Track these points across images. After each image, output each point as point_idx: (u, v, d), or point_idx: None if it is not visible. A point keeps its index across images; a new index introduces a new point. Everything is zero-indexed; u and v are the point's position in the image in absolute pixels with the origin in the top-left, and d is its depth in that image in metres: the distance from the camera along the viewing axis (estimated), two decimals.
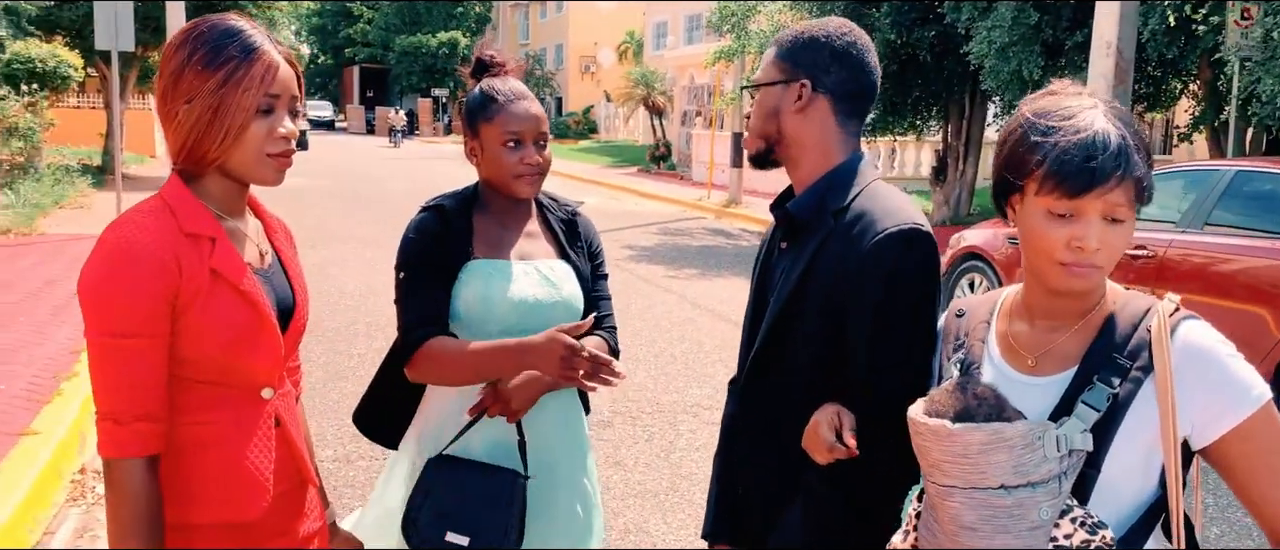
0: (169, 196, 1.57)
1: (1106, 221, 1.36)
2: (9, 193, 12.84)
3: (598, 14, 44.49)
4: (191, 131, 1.53)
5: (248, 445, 1.61)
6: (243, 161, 1.57)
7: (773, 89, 1.81)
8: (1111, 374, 1.37)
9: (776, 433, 1.76)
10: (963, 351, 1.57)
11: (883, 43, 13.05)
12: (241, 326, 1.56)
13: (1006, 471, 1.31)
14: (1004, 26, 10.45)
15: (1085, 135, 1.34)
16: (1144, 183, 1.37)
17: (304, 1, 34.10)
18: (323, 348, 6.83)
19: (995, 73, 10.65)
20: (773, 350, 1.77)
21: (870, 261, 1.62)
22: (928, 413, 1.40)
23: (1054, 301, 1.47)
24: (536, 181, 2.10)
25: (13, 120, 14.61)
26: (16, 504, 3.93)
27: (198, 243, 1.53)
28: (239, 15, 1.61)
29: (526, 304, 2.07)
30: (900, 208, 1.68)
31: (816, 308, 1.69)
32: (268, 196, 1.79)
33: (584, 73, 45.95)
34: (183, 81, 1.53)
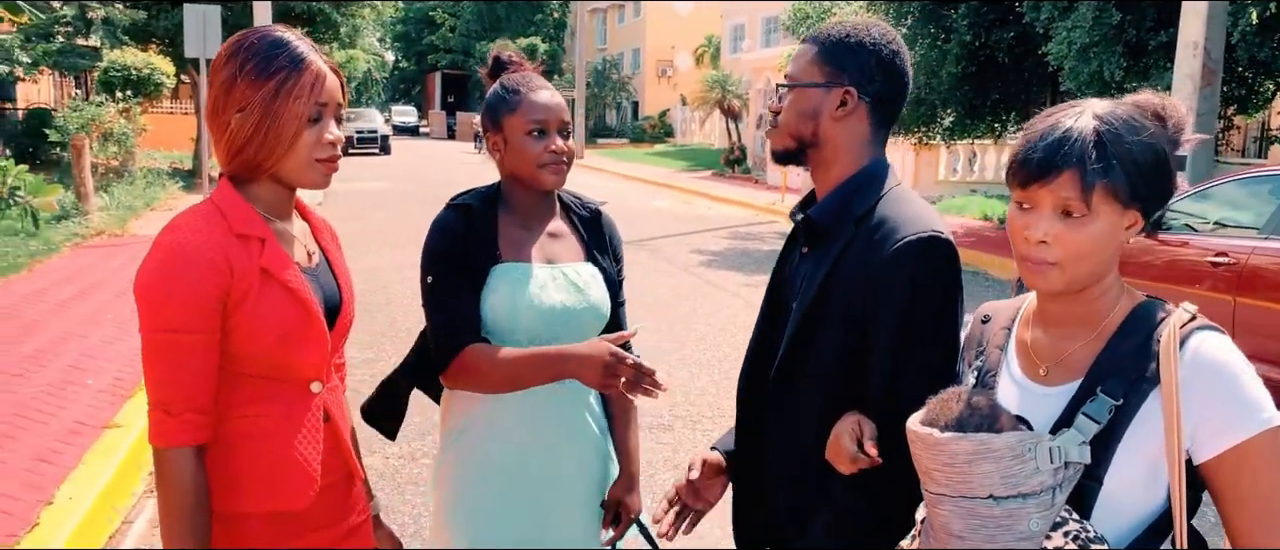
0: (220, 201, 1.63)
1: (1059, 215, 1.36)
2: (104, 195, 13.40)
3: (675, 17, 44.54)
4: (245, 140, 1.59)
5: (296, 437, 1.66)
6: (294, 167, 1.63)
7: (813, 91, 1.77)
8: (1116, 385, 1.34)
9: (802, 442, 1.75)
10: (981, 359, 1.57)
11: (960, 45, 12.85)
12: (291, 322, 1.61)
13: (995, 482, 1.30)
14: (1084, 26, 10.19)
15: (1047, 127, 1.38)
16: (1102, 179, 1.33)
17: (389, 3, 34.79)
18: (395, 346, 6.97)
19: (1075, 74, 10.40)
20: (797, 356, 1.75)
21: (892, 268, 1.62)
22: (922, 421, 1.40)
23: (1051, 307, 1.46)
24: (562, 171, 2.07)
25: (109, 126, 15.24)
26: (98, 492, 4.13)
27: (248, 243, 1.60)
28: (284, 27, 1.67)
29: (554, 311, 2.04)
30: (921, 215, 1.68)
31: (839, 315, 1.69)
32: (349, 200, 1.85)
33: (660, 76, 46.01)
34: (235, 92, 1.59)
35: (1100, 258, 1.38)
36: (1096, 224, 1.36)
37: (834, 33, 1.78)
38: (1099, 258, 1.38)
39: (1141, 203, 1.37)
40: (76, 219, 11.77)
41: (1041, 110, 1.45)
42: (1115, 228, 1.37)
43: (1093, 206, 1.35)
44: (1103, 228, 1.36)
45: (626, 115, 49.73)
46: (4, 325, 7.05)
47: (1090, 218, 1.35)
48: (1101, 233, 1.36)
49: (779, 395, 1.81)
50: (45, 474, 4.29)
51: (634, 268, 10.68)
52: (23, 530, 3.76)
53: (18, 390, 5.49)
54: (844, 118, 1.76)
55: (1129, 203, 1.36)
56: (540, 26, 54.89)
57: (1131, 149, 1.35)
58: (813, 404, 1.73)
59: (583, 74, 36.13)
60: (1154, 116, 1.40)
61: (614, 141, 44.24)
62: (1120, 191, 1.34)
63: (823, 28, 1.81)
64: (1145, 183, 1.35)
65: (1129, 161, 1.35)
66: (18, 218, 10.87)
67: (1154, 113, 1.41)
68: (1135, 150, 1.35)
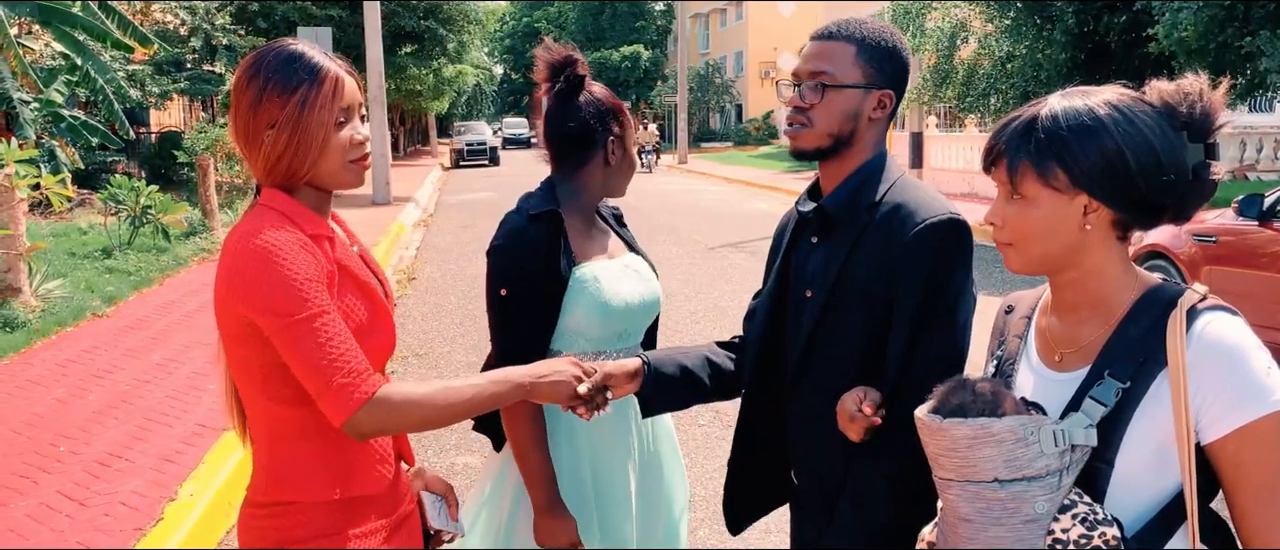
0: (281, 206, 1.67)
1: (1007, 199, 1.42)
2: (229, 211, 14.10)
3: (778, 19, 44.32)
4: (280, 153, 1.66)
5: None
6: (329, 171, 1.69)
7: (854, 91, 1.77)
8: (1124, 368, 1.34)
9: (825, 424, 1.76)
10: (1002, 348, 1.59)
11: (1065, 32, 12.47)
12: (364, 313, 1.68)
13: (998, 466, 1.32)
14: (1193, 7, 9.78)
15: (1015, 114, 1.43)
16: (1024, 162, 1.37)
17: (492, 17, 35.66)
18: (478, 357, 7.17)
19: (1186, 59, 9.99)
20: (818, 342, 1.79)
21: (914, 250, 1.67)
22: (928, 408, 1.43)
23: (1058, 293, 1.48)
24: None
25: (231, 146, 16.01)
26: (217, 490, 4.40)
27: (320, 242, 1.65)
28: (293, 40, 1.75)
29: (631, 305, 2.11)
30: (935, 199, 1.73)
31: (859, 299, 1.73)
32: (460, 211, 1.92)
33: (763, 79, 45.78)
34: (262, 110, 1.65)
35: (1052, 240, 1.39)
36: (1037, 208, 1.39)
37: (871, 34, 1.78)
38: (1050, 240, 1.39)
39: (1091, 187, 1.35)
40: (202, 235, 12.44)
41: None
42: (1062, 212, 1.37)
43: (1024, 190, 1.38)
44: (1045, 211, 1.38)
45: (730, 118, 49.64)
46: (136, 335, 7.53)
47: (1030, 202, 1.39)
48: (1045, 216, 1.38)
49: (799, 380, 1.85)
50: (169, 472, 4.59)
51: (735, 269, 10.73)
52: (149, 524, 4.04)
53: (147, 395, 5.88)
54: (879, 118, 1.80)
55: (1072, 187, 1.36)
56: (643, 33, 55.26)
57: (1066, 134, 1.35)
58: (835, 386, 1.74)
59: (685, 79, 36.24)
60: (1162, 106, 1.38)
61: (718, 145, 44.24)
62: (1053, 176, 1.36)
63: (853, 25, 1.80)
64: (1087, 168, 1.34)
65: (1062, 147, 1.35)
66: (150, 235, 11.55)
67: (1162, 102, 1.38)
68: (1072, 136, 1.35)
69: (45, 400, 5.81)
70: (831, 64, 1.78)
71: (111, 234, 11.34)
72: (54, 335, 7.51)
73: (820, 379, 1.80)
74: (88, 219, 13.42)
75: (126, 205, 11.16)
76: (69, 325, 7.81)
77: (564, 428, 2.13)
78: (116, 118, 12.77)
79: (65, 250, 10.95)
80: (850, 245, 1.75)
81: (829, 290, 1.76)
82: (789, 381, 1.88)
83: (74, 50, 11.99)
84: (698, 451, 4.98)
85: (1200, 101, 1.37)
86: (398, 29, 27.07)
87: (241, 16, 23.64)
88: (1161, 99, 1.38)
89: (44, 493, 4.37)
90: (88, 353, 7.00)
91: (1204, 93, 1.38)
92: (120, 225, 11.37)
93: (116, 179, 11.54)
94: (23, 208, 8.28)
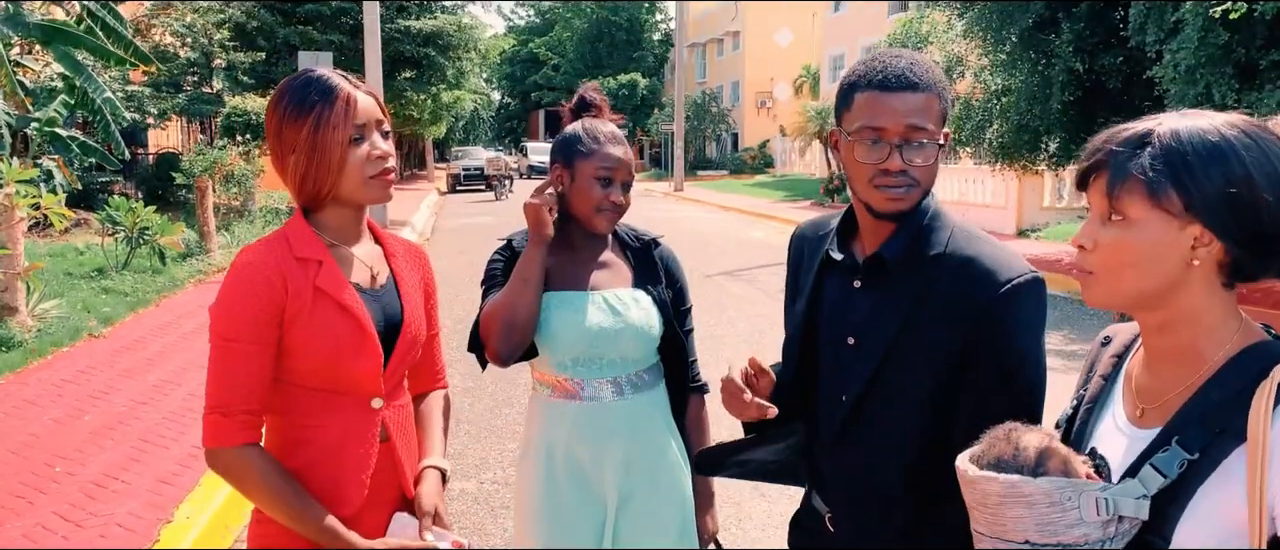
0: (288, 228, 1.80)
1: (1102, 221, 1.28)
2: (225, 233, 14.12)
3: (774, 49, 44.56)
4: (303, 175, 1.74)
5: (349, 450, 1.77)
6: (350, 189, 1.76)
7: (936, 148, 1.68)
8: (1195, 436, 1.19)
9: (878, 485, 1.74)
10: (1086, 387, 1.46)
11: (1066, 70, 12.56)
12: (344, 338, 1.73)
13: (1028, 528, 1.21)
14: (1190, 47, 9.88)
15: (1121, 127, 1.30)
16: (1132, 177, 1.22)
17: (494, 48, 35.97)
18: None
19: (1181, 97, 10.07)
20: (876, 393, 1.71)
21: (1002, 309, 1.60)
22: (970, 455, 1.33)
23: (1147, 339, 1.33)
24: (614, 219, 2.24)
25: (230, 168, 16.06)
26: (213, 513, 4.39)
27: (306, 265, 1.74)
28: (318, 67, 1.81)
29: (592, 332, 2.18)
30: (1010, 252, 1.68)
31: (924, 357, 1.66)
32: (457, 236, 1.94)
33: (760, 108, 46.01)
34: (284, 136, 1.75)
35: (1150, 272, 1.23)
36: (1140, 233, 1.22)
37: (939, 79, 1.67)
38: (1148, 272, 1.23)
39: (1208, 217, 1.19)
40: (200, 257, 12.44)
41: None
42: (1169, 240, 1.21)
43: (1124, 209, 1.23)
44: (1149, 238, 1.22)
45: (727, 147, 49.83)
46: (132, 356, 7.52)
47: (1131, 224, 1.23)
48: (1147, 243, 1.22)
49: (850, 431, 1.77)
50: (166, 495, 4.58)
51: (730, 298, 10.75)
52: (145, 546, 4.03)
53: (144, 416, 5.87)
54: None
55: (1185, 213, 1.20)
56: (640, 63, 55.58)
57: (1188, 154, 1.19)
58: (893, 442, 1.71)
59: (682, 108, 36.42)
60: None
61: (714, 173, 44.36)
62: (1166, 198, 1.20)
63: (930, 71, 1.67)
64: (1207, 193, 1.19)
65: (1181, 166, 1.20)
66: (147, 256, 11.55)
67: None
68: (1195, 156, 1.19)
69: (41, 420, 5.79)
70: (928, 120, 1.65)
71: (108, 255, 11.35)
72: (50, 355, 7.50)
73: (876, 433, 1.73)
74: (85, 239, 13.44)
75: (124, 226, 11.17)
76: (65, 345, 7.81)
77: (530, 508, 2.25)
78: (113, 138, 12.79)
79: (62, 270, 10.95)
80: (915, 298, 1.67)
81: (890, 343, 1.68)
82: (836, 432, 1.79)
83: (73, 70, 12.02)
84: None
85: None
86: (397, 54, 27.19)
87: (241, 37, 23.74)
88: None
89: (40, 514, 4.36)
90: (84, 373, 6.99)
91: None
92: (117, 246, 11.38)
93: (114, 200, 11.55)
94: (22, 227, 8.29)
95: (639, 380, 2.26)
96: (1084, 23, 12.43)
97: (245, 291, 1.69)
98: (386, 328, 1.82)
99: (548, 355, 2.22)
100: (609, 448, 2.22)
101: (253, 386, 1.69)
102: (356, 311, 1.75)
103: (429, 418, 2.04)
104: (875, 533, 1.77)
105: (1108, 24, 12.36)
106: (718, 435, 2.31)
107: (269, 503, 1.70)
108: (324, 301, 1.73)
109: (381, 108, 1.81)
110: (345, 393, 1.77)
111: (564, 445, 2.23)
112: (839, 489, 1.83)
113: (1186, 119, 1.23)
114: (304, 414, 1.76)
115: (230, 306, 1.70)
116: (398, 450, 1.87)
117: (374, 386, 1.79)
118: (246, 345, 1.68)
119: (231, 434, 1.68)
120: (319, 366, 1.73)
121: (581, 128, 2.25)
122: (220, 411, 1.68)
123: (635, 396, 2.25)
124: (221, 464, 1.70)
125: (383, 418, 1.82)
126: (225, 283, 1.73)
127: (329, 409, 1.77)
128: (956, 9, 15.00)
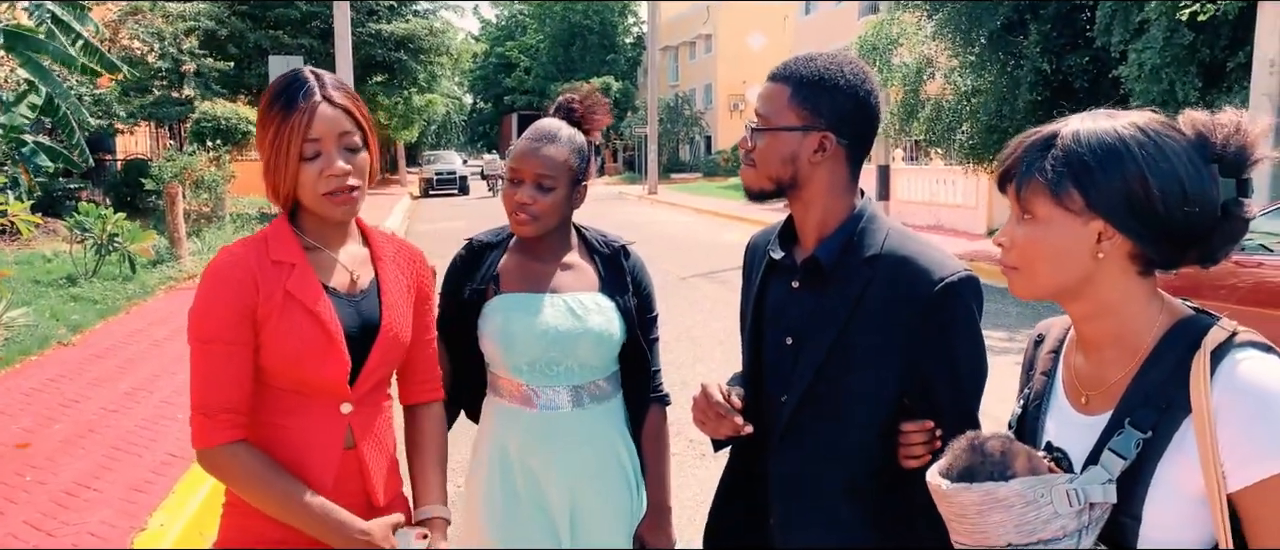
0: (269, 228, 1.80)
1: (1019, 219, 1.35)
2: (196, 240, 13.97)
3: (747, 52, 44.72)
4: (266, 177, 1.76)
5: (311, 453, 1.76)
6: (308, 201, 1.76)
7: (790, 135, 1.72)
8: (1145, 416, 1.25)
9: (819, 495, 1.76)
10: (1030, 385, 1.50)
11: (1034, 72, 12.72)
12: (308, 343, 1.72)
13: (1009, 531, 1.25)
14: (1156, 47, 10.03)
15: (1033, 131, 1.36)
16: (1036, 179, 1.29)
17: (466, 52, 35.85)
18: None
19: (1146, 95, 10.23)
20: (819, 393, 1.73)
21: (938, 309, 1.64)
22: (938, 470, 1.35)
23: (1079, 328, 1.39)
24: (529, 223, 2.12)
25: (200, 174, 15.92)
26: (187, 520, 4.35)
27: (279, 268, 1.74)
28: (304, 68, 1.79)
29: (548, 334, 2.11)
30: (943, 252, 1.72)
31: (864, 354, 1.68)
32: (431, 239, 1.92)
33: (733, 111, 46.13)
34: (259, 136, 1.77)
35: (1062, 267, 1.31)
36: (1048, 230, 1.30)
37: (806, 72, 1.72)
38: (1060, 266, 1.31)
39: (1108, 213, 1.27)
40: (170, 263, 12.31)
41: None
42: (1075, 237, 1.29)
43: (1032, 208, 1.31)
44: (1057, 235, 1.29)
45: (700, 150, 49.94)
46: (103, 364, 7.44)
47: (1041, 223, 1.31)
48: (1056, 240, 1.30)
49: (789, 437, 1.78)
50: (139, 502, 4.54)
51: (705, 301, 10.77)
52: None
53: (115, 424, 5.81)
54: (822, 162, 1.73)
55: (1087, 211, 1.27)
56: (613, 66, 55.57)
57: (1086, 155, 1.27)
58: (834, 448, 1.72)
59: (655, 111, 36.44)
60: (1195, 136, 1.27)
61: (687, 176, 44.45)
62: (1068, 197, 1.28)
63: (794, 65, 1.75)
64: (1105, 192, 1.26)
65: (1080, 167, 1.27)
66: (116, 263, 11.42)
67: (1196, 132, 1.27)
68: (1092, 157, 1.26)
69: (10, 430, 5.72)
70: (769, 107, 1.75)
71: (77, 262, 11.21)
72: (18, 364, 7.41)
73: (815, 439, 1.75)
74: (52, 246, 13.26)
75: (93, 233, 11.04)
76: (34, 354, 7.71)
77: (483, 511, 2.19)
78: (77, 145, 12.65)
79: (29, 278, 10.81)
80: (852, 300, 1.69)
81: (829, 347, 1.70)
82: (775, 438, 1.79)
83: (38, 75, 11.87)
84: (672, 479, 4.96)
85: (1236, 135, 1.27)
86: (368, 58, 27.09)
87: (210, 43, 23.54)
88: (1195, 128, 1.28)
89: (10, 524, 4.31)
90: (53, 381, 6.91)
91: (1242, 126, 1.27)
92: (86, 253, 11.24)
93: (83, 206, 11.42)
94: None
95: (598, 390, 2.20)
96: (1051, 24, 12.60)
97: (219, 293, 1.71)
98: (361, 332, 1.80)
99: (504, 359, 2.15)
100: (561, 459, 2.15)
101: (233, 386, 1.69)
102: (324, 318, 1.74)
103: (426, 448, 1.97)
104: (818, 535, 1.77)
105: (1075, 25, 12.55)
106: (676, 447, 2.29)
107: (259, 496, 1.71)
108: (293, 306, 1.73)
109: (357, 117, 1.76)
110: (312, 396, 1.77)
111: (518, 453, 2.17)
112: (783, 490, 1.81)
113: (1090, 121, 1.30)
114: (272, 412, 1.76)
115: (205, 308, 1.71)
116: (365, 457, 1.83)
117: (341, 392, 1.78)
118: (223, 346, 1.69)
119: (216, 433, 1.68)
120: (284, 368, 1.73)
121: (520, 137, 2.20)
122: (203, 412, 1.69)
123: (593, 407, 2.19)
124: (210, 463, 1.71)
125: (350, 423, 1.80)
126: (201, 284, 1.74)
127: (295, 409, 1.77)
128: (926, 10, 15.15)
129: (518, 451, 2.16)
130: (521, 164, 2.12)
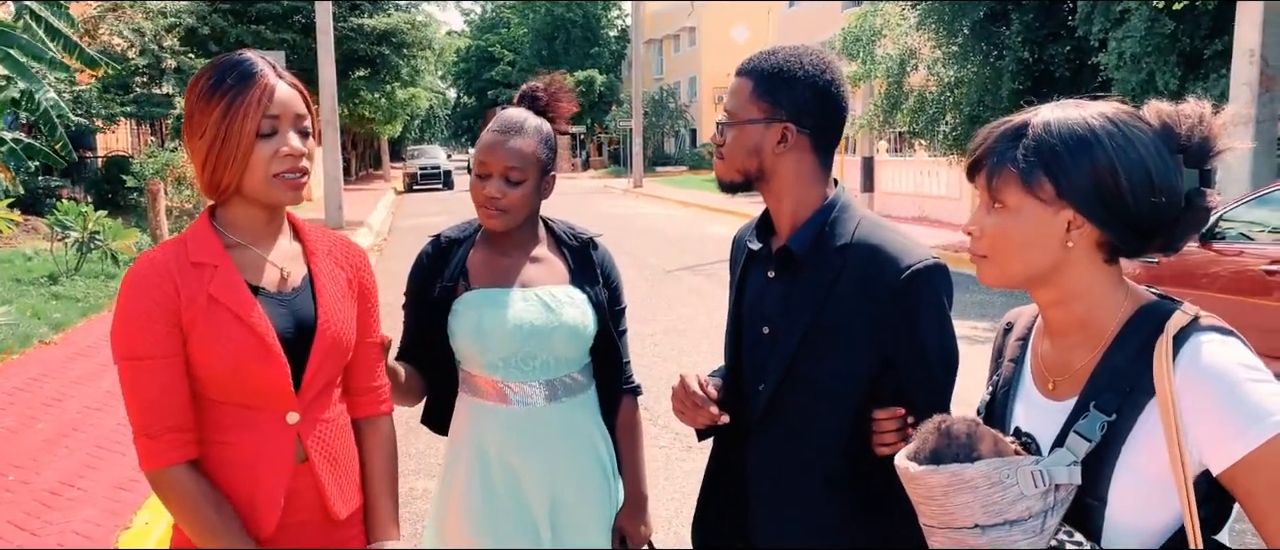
0: (189, 229, 1.68)
1: (988, 208, 1.36)
2: None
3: (731, 44, 44.71)
4: (206, 163, 1.63)
5: (261, 469, 1.66)
6: (254, 185, 1.63)
7: (752, 127, 1.76)
8: (1110, 400, 1.28)
9: (794, 485, 1.77)
10: (998, 372, 1.53)
11: (1016, 61, 12.78)
12: (243, 348, 1.61)
13: (975, 512, 1.27)
14: (1136, 36, 10.09)
15: (1003, 121, 1.38)
16: (1009, 169, 1.31)
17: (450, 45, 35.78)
18: None
19: (1125, 84, 10.28)
20: (792, 381, 1.75)
21: (906, 296, 1.66)
22: (906, 454, 1.38)
23: (1046, 314, 1.41)
24: (499, 217, 2.09)
25: (182, 170, 15.80)
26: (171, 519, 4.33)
27: (201, 270, 1.62)
28: (248, 49, 1.70)
29: (522, 328, 2.08)
30: (912, 240, 1.73)
31: (836, 342, 1.71)
32: (415, 235, 1.90)
33: (717, 103, 45.93)
34: (194, 118, 1.63)
35: (1031, 255, 1.33)
36: (1018, 219, 1.32)
37: (767, 66, 1.76)
38: (1029, 255, 1.33)
39: (1078, 202, 1.29)
40: None
41: None
42: (1045, 225, 1.31)
43: (1003, 197, 1.33)
44: (1027, 224, 1.32)
45: (685, 143, 49.95)
46: (86, 363, 7.40)
47: (1011, 212, 1.32)
48: (1026, 228, 1.32)
49: (765, 426, 1.80)
50: (124, 501, 4.53)
51: (689, 294, 10.78)
52: None
53: (99, 423, 5.78)
54: (785, 152, 1.75)
55: (1057, 199, 1.30)
56: (597, 59, 55.45)
57: (1056, 144, 1.29)
58: (808, 437, 1.75)
59: (639, 104, 36.42)
60: (1160, 127, 1.30)
61: (673, 169, 44.49)
62: (1039, 187, 1.30)
63: (756, 59, 1.80)
64: (1075, 181, 1.28)
65: (1051, 157, 1.29)
66: (99, 260, 11.35)
67: (1161, 123, 1.30)
68: (1063, 147, 1.28)
69: None
70: (734, 101, 1.79)
71: (58, 260, 11.13)
72: (0, 363, 7.36)
73: (791, 427, 1.77)
74: (32, 245, 13.17)
75: (74, 231, 10.97)
76: (16, 353, 7.65)
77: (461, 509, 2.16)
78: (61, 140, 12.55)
79: (10, 277, 10.73)
80: (824, 289, 1.71)
81: (801, 334, 1.72)
82: (751, 427, 1.81)
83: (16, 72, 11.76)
84: (659, 473, 4.97)
85: (1200, 126, 1.29)
86: (351, 53, 26.95)
87: (191, 39, 23.38)
88: (1160, 119, 1.31)
89: None
90: (36, 380, 6.87)
91: (1205, 117, 1.30)
92: (67, 251, 11.16)
93: (64, 204, 11.33)
94: None
95: (572, 383, 2.18)
96: (1033, 14, 12.65)
97: (140, 304, 1.59)
98: (297, 333, 1.69)
99: (477, 355, 2.11)
100: (539, 453, 2.14)
101: (170, 402, 1.59)
102: (251, 321, 1.62)
103: (373, 472, 1.85)
104: (795, 524, 1.78)
105: (1056, 15, 12.60)
106: (650, 434, 2.29)
107: (189, 524, 1.60)
108: (218, 310, 1.61)
109: (306, 103, 1.69)
110: (256, 407, 1.66)
111: (497, 451, 2.14)
112: (760, 478, 1.83)
113: (1060, 110, 1.32)
114: (215, 429, 1.65)
115: (127, 322, 1.59)
116: (319, 471, 1.72)
117: (285, 400, 1.67)
118: (154, 360, 1.58)
119: (161, 455, 1.58)
120: (221, 378, 1.62)
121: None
122: (146, 434, 1.58)
123: (568, 400, 2.17)
124: (155, 485, 1.61)
125: (299, 433, 1.70)
126: (120, 297, 1.62)
127: (240, 424, 1.66)
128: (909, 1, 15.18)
129: (496, 449, 2.14)
130: (488, 157, 2.08)
